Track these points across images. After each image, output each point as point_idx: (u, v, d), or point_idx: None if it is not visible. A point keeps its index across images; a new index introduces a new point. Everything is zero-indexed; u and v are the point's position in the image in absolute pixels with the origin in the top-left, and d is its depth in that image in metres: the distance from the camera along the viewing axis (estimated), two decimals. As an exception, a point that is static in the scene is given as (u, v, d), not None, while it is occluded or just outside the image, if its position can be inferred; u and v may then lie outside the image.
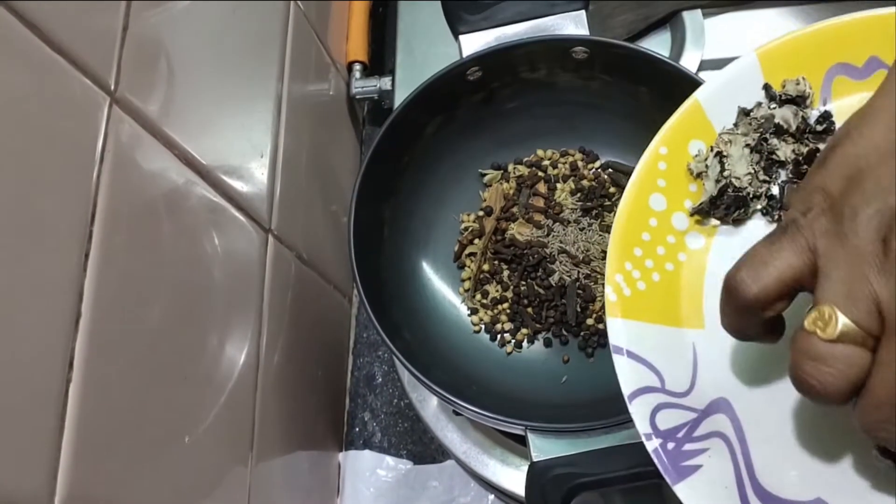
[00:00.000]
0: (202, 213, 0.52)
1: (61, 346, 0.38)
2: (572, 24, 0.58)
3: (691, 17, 0.73)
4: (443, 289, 0.62)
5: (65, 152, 0.39)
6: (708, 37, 0.72)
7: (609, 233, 0.59)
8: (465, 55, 0.58)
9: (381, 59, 0.85)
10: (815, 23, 0.42)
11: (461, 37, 0.58)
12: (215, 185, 0.53)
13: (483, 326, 0.61)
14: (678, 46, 0.72)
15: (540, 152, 0.64)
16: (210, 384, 0.51)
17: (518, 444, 0.61)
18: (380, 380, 0.76)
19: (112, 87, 0.43)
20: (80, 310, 0.39)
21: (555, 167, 0.63)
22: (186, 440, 0.47)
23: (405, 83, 0.76)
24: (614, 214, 0.61)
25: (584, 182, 0.62)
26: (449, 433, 0.63)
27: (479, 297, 0.61)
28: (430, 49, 0.77)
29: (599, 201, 0.62)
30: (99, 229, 0.41)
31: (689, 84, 0.56)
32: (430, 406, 0.63)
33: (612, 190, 0.62)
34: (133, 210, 0.45)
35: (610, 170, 0.63)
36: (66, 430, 0.37)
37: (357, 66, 0.81)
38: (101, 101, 0.42)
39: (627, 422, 0.49)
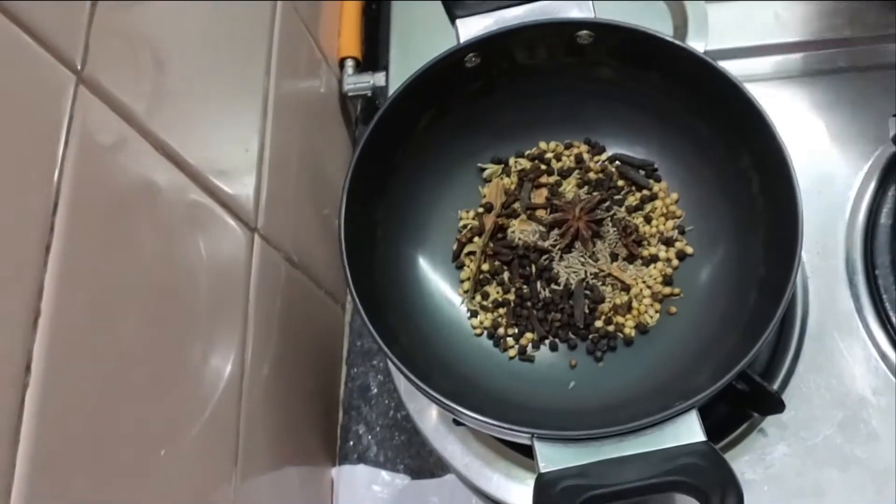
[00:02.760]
0: (181, 207, 0.49)
1: (17, 347, 0.34)
2: (576, 7, 0.54)
3: (694, 7, 0.70)
4: (442, 290, 0.58)
5: (22, 133, 0.36)
6: (711, 27, 0.69)
7: (618, 227, 0.56)
8: (462, 41, 0.54)
9: (375, 55, 0.82)
10: None
11: (458, 21, 0.55)
12: (195, 178, 0.50)
13: (484, 331, 0.57)
14: (680, 36, 0.69)
15: (542, 144, 0.60)
16: (189, 393, 0.48)
17: (524, 456, 0.57)
18: (375, 390, 0.73)
19: (78, 66, 0.39)
20: (39, 307, 0.36)
21: (559, 160, 0.60)
22: (162, 453, 0.44)
23: (400, 79, 0.72)
24: (625, 208, 0.58)
25: (591, 174, 0.59)
26: (449, 445, 0.59)
27: (479, 298, 0.57)
28: (426, 43, 0.73)
29: (608, 194, 0.58)
30: (62, 220, 0.37)
31: (701, 67, 0.53)
32: (428, 416, 0.60)
33: (620, 183, 0.59)
34: (103, 202, 0.41)
35: (618, 162, 0.59)
36: (22, 442, 0.34)
37: (349, 62, 0.78)
38: (66, 80, 0.39)
39: (641, 429, 0.45)
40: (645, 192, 0.58)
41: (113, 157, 0.43)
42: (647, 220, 0.58)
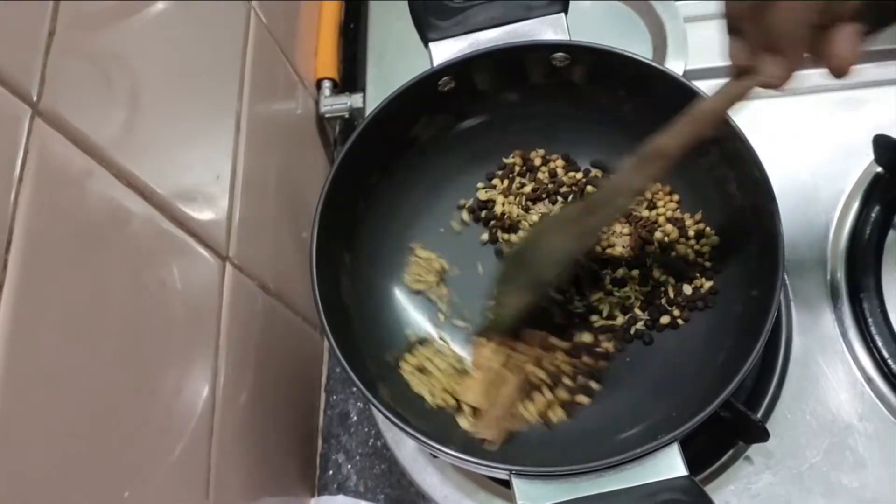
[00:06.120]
0: (147, 239, 0.47)
1: (-34, 395, 0.33)
2: (551, 29, 0.53)
3: (673, 26, 0.69)
4: (418, 319, 0.57)
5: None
6: (691, 46, 0.68)
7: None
8: (435, 64, 0.53)
9: (353, 76, 0.81)
10: None
11: (431, 44, 0.54)
12: (162, 208, 0.48)
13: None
14: (660, 56, 0.69)
15: (507, 160, 0.59)
16: (156, 431, 0.46)
17: (504, 487, 0.56)
18: (355, 418, 0.71)
19: (34, 97, 0.38)
20: (-10, 350, 0.34)
21: (531, 171, 0.59)
22: (126, 496, 0.42)
23: (377, 100, 0.71)
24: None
25: (564, 188, 0.58)
26: (427, 476, 0.58)
27: None
28: (403, 64, 0.72)
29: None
30: (16, 258, 0.36)
31: (677, 88, 0.52)
32: (406, 447, 0.58)
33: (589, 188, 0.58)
34: (65, 237, 0.40)
35: (594, 171, 0.59)
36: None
37: (326, 84, 0.77)
38: (20, 113, 0.37)
39: (622, 463, 0.44)
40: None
41: (74, 191, 0.41)
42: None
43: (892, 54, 0.65)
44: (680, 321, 0.54)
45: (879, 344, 0.56)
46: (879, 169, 0.61)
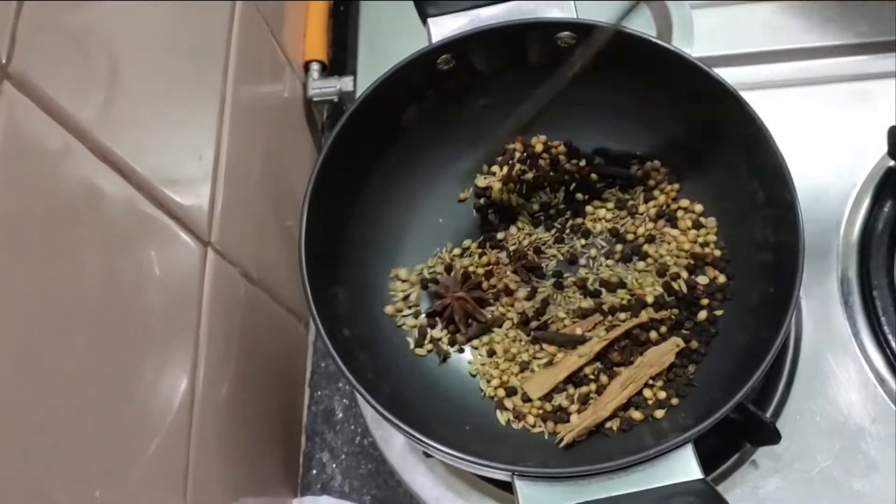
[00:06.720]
0: (125, 220, 0.44)
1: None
2: (556, 7, 0.51)
3: (679, 11, 0.67)
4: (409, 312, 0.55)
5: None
6: (697, 32, 0.66)
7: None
8: (434, 41, 0.51)
9: (342, 59, 0.78)
10: None
11: (430, 20, 0.51)
12: (142, 188, 0.45)
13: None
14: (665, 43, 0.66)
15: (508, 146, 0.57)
16: (131, 426, 0.43)
17: (501, 489, 0.53)
18: (340, 415, 0.68)
19: (3, 60, 0.35)
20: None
21: (532, 158, 0.56)
22: (97, 494, 0.39)
23: (368, 84, 0.69)
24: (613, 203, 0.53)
25: (566, 177, 0.55)
26: (418, 477, 0.55)
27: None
28: (395, 47, 0.68)
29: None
30: (-21, 234, 0.33)
31: (687, 70, 0.49)
32: (395, 445, 0.56)
33: (593, 176, 0.55)
34: (33, 214, 0.37)
35: (598, 159, 0.56)
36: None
37: (315, 66, 0.74)
38: (-14, 74, 0.34)
39: (633, 465, 0.41)
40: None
41: (46, 165, 0.38)
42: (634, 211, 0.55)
43: (904, 45, 0.63)
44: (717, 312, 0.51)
45: (893, 343, 0.54)
46: (892, 163, 0.59)
